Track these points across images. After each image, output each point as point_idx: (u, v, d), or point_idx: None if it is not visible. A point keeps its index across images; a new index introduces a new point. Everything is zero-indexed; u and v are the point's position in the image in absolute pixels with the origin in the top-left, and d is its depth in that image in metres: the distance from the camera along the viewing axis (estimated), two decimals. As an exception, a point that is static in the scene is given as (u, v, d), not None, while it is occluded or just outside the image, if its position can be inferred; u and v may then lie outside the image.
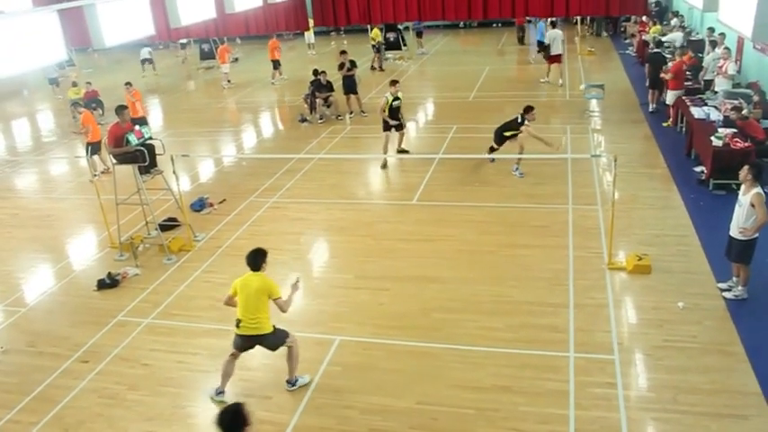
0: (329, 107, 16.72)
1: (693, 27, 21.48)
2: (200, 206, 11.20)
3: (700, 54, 16.41)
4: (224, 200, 11.52)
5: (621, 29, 26.65)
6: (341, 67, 16.59)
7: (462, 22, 32.20)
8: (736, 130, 10.61)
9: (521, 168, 11.56)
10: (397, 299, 7.95)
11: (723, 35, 14.80)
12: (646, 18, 22.71)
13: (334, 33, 32.68)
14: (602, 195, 10.46)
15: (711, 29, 16.40)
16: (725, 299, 7.37)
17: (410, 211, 10.66)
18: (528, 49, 25.69)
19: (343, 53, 17.13)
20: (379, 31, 23.47)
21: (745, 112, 11.10)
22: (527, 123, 11.13)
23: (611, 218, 8.14)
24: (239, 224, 10.50)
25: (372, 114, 16.50)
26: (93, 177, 11.20)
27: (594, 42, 25.18)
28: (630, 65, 20.73)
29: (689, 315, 7.15)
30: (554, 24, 19.82)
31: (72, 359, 7.23)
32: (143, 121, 12.78)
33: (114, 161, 9.63)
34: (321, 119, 16.51)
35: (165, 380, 6.79)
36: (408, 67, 23.51)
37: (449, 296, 7.90)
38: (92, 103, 17.91)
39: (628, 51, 22.93)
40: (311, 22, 17.80)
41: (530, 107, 11.33)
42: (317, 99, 16.51)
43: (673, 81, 13.64)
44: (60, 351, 7.40)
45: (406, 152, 13.24)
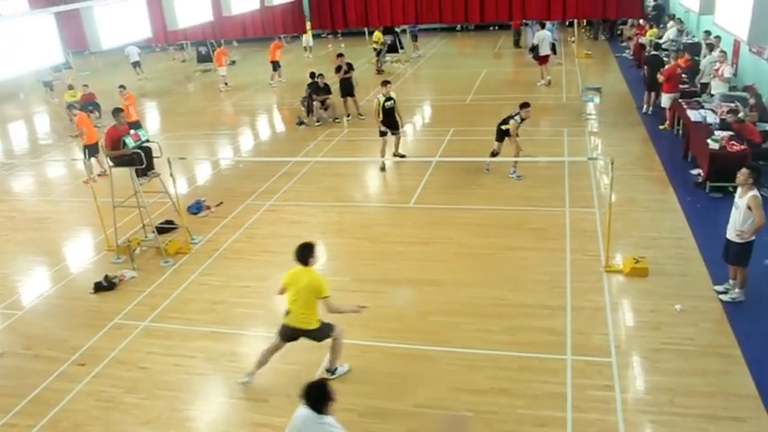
0: (326, 110, 16.72)
1: (690, 30, 21.55)
2: (197, 209, 11.19)
3: (696, 57, 16.46)
4: (221, 203, 11.50)
5: (618, 32, 26.72)
6: (338, 69, 16.60)
7: (459, 25, 32.25)
8: (732, 133, 10.65)
9: (518, 171, 11.58)
10: (395, 302, 7.94)
11: (719, 38, 14.86)
12: (642, 21, 22.78)
13: (330, 36, 32.69)
14: (599, 198, 10.48)
15: (708, 32, 16.46)
16: (722, 301, 7.38)
17: (407, 214, 10.66)
18: (524, 52, 25.72)
19: (340, 56, 17.14)
20: (381, 34, 23.41)
21: (741, 115, 11.14)
22: (516, 119, 11.36)
23: (608, 221, 8.14)
24: (236, 227, 10.49)
25: (370, 117, 16.52)
26: (89, 178, 11.15)
27: (591, 45, 25.22)
28: (627, 68, 20.78)
29: (686, 318, 7.15)
30: (543, 26, 20.04)
31: (68, 362, 7.20)
32: (137, 125, 12.76)
33: (111, 164, 9.63)
34: (318, 122, 16.51)
35: (162, 383, 6.77)
36: (405, 70, 23.53)
37: (446, 299, 7.90)
38: (88, 105, 17.84)
39: (624, 54, 23.00)
40: (308, 25, 17.82)
41: (526, 103, 11.54)
42: (314, 102, 16.51)
43: (667, 84, 13.69)
44: (57, 354, 7.37)
45: (403, 156, 13.11)
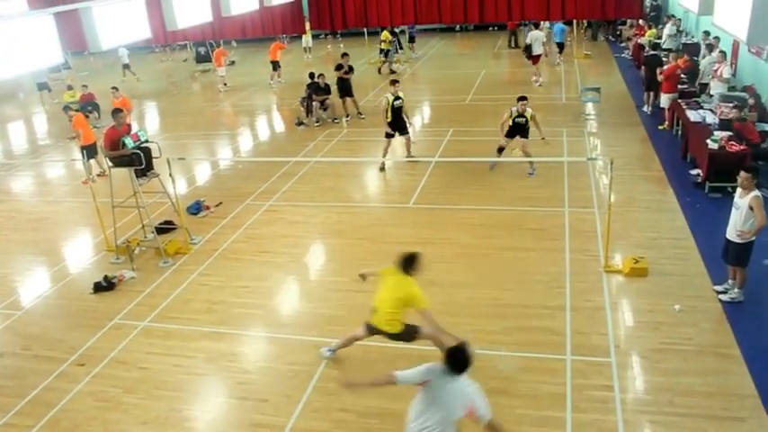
0: (326, 110, 16.72)
1: (689, 30, 21.58)
2: (196, 209, 11.19)
3: (695, 57, 16.48)
4: (220, 203, 11.50)
5: (617, 32, 26.75)
6: (339, 68, 16.57)
7: (458, 26, 32.30)
8: (731, 133, 10.65)
9: (536, 170, 11.76)
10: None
11: (718, 38, 14.87)
12: (642, 22, 22.81)
13: (330, 37, 32.70)
14: (598, 198, 10.48)
15: (707, 32, 16.48)
16: (721, 301, 7.38)
17: (407, 214, 10.66)
18: (522, 52, 25.73)
19: (345, 56, 17.12)
20: (390, 34, 23.22)
21: (741, 114, 11.15)
22: (512, 110, 11.61)
23: (607, 221, 8.14)
24: (236, 227, 10.49)
25: (370, 117, 16.55)
26: (88, 179, 11.13)
27: (591, 46, 25.24)
28: (626, 68, 20.80)
29: (685, 318, 7.16)
30: (536, 25, 20.10)
31: (68, 362, 7.20)
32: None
33: (110, 164, 9.63)
34: (317, 122, 16.51)
35: (162, 383, 6.76)
36: (404, 71, 23.54)
37: (445, 299, 7.88)
38: (87, 106, 17.85)
39: (624, 55, 23.02)
40: (308, 26, 17.83)
41: (522, 97, 11.71)
42: (313, 102, 16.51)
43: (666, 84, 13.71)
44: (56, 354, 7.37)
45: (413, 157, 12.90)
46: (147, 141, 9.68)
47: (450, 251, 9.15)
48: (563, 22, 21.51)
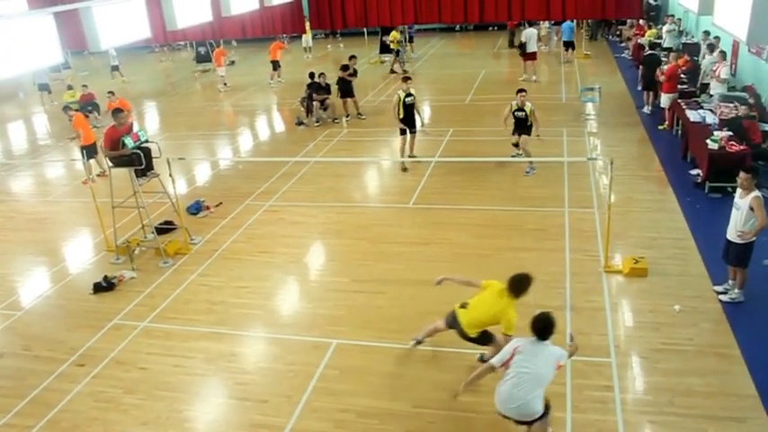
0: (326, 110, 16.71)
1: (689, 30, 21.58)
2: (196, 209, 11.19)
3: (695, 57, 16.47)
4: (220, 203, 11.50)
5: (617, 32, 26.74)
6: (345, 68, 16.56)
7: (458, 26, 32.29)
8: (731, 133, 10.65)
9: (535, 169, 11.78)
10: (394, 302, 7.94)
11: (718, 38, 14.86)
12: (642, 21, 22.80)
13: (330, 37, 32.70)
14: (598, 198, 10.48)
15: (707, 32, 16.48)
16: (721, 302, 7.38)
17: (407, 214, 10.66)
18: (516, 49, 25.69)
19: (352, 58, 17.11)
20: (398, 33, 23.07)
21: (750, 112, 11.14)
22: (512, 104, 11.75)
23: (607, 221, 8.14)
24: (236, 227, 10.48)
25: (370, 117, 16.56)
26: (88, 179, 11.14)
27: (590, 46, 25.22)
28: (626, 68, 20.79)
29: (685, 318, 7.16)
30: (531, 24, 20.08)
31: (68, 363, 7.20)
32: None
33: (110, 164, 9.62)
34: (317, 122, 16.51)
35: (162, 384, 6.76)
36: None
37: (445, 299, 7.85)
38: (88, 106, 17.85)
39: (623, 55, 23.01)
40: (308, 26, 17.82)
41: (521, 90, 11.87)
42: (313, 102, 16.50)
43: (666, 84, 13.71)
44: (56, 355, 7.37)
45: (414, 157, 12.93)
46: (147, 141, 9.67)
47: (450, 251, 9.15)
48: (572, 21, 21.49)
